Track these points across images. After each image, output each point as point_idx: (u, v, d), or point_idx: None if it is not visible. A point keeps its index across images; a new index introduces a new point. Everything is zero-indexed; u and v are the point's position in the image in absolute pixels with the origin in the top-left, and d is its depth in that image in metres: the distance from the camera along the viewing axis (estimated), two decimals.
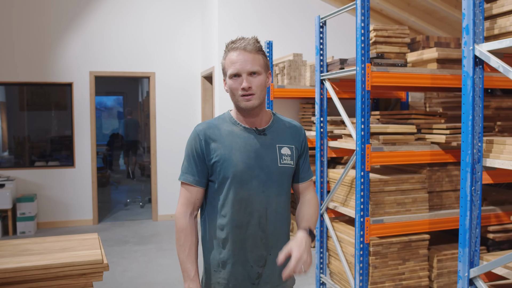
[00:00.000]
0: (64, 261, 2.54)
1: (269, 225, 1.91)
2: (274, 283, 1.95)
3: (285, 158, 1.94)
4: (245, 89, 1.83)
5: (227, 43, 1.92)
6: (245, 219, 1.88)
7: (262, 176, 1.89)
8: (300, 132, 2.05)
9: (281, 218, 1.95)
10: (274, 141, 1.94)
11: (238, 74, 1.85)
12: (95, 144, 7.40)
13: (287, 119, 2.06)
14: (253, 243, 1.90)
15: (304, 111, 6.25)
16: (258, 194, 1.88)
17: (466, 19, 2.59)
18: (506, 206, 4.04)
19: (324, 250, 4.40)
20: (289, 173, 1.97)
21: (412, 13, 6.53)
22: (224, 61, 1.90)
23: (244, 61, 1.84)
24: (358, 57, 3.55)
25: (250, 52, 1.86)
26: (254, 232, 1.89)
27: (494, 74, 3.62)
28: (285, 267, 1.73)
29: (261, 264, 1.91)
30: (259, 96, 1.86)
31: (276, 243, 1.93)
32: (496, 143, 2.72)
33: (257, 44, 1.90)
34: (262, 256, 1.91)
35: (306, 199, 2.06)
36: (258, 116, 1.93)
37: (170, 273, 5.07)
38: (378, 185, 3.80)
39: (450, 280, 4.04)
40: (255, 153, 1.89)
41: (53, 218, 7.22)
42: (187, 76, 7.72)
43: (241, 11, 6.51)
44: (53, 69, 7.14)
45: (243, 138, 1.90)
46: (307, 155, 2.07)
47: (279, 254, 1.76)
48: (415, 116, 4.07)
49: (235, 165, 1.86)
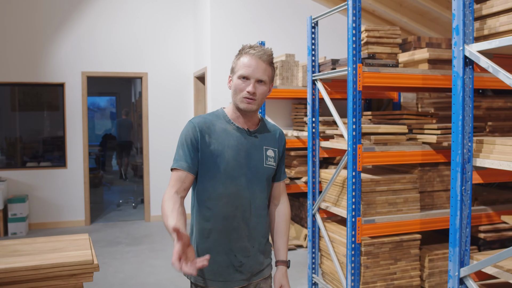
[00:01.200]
0: (54, 262, 2.53)
1: (252, 219, 2.09)
2: (254, 271, 2.14)
3: (270, 160, 2.13)
4: (250, 92, 1.98)
5: (244, 46, 2.04)
6: (231, 212, 2.04)
7: (249, 174, 2.06)
8: (282, 137, 2.24)
9: (262, 213, 2.14)
10: (262, 143, 2.12)
11: (247, 78, 1.98)
12: (87, 144, 7.37)
13: (270, 123, 2.24)
14: (238, 234, 2.06)
15: (296, 111, 6.26)
16: (245, 190, 2.05)
17: (456, 20, 2.60)
18: (497, 206, 4.07)
19: (316, 250, 4.40)
20: (271, 173, 2.16)
21: (404, 14, 6.55)
22: (237, 61, 2.03)
23: (257, 68, 1.98)
24: (349, 57, 3.56)
25: (264, 62, 2.00)
26: (239, 225, 2.06)
27: (485, 74, 3.64)
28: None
29: (245, 255, 2.09)
30: (259, 103, 2.03)
31: (258, 235, 2.13)
32: (486, 143, 2.74)
33: (272, 57, 2.04)
34: (246, 248, 2.08)
35: (281, 211, 2.28)
36: (251, 119, 2.10)
37: (162, 274, 5.06)
38: (370, 185, 3.81)
39: (442, 280, 4.05)
40: (245, 152, 2.06)
41: (45, 219, 7.18)
42: (179, 76, 7.71)
43: (233, 11, 6.51)
44: (44, 69, 7.11)
45: (236, 137, 2.05)
46: (284, 157, 2.27)
47: None
48: (407, 117, 4.08)
49: (227, 161, 2.01)
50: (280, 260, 2.20)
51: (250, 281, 2.13)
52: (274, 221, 2.28)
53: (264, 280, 2.20)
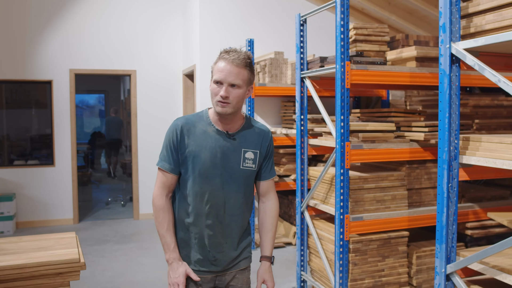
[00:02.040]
0: (40, 260, 2.50)
1: (226, 217, 2.19)
2: (226, 266, 2.26)
3: (248, 162, 2.20)
4: (222, 97, 2.05)
5: (222, 51, 2.12)
6: (205, 210, 2.16)
7: (225, 174, 2.16)
8: (267, 137, 2.29)
9: (238, 213, 2.22)
10: (241, 145, 2.19)
11: (221, 82, 2.06)
12: (76, 142, 7.32)
13: (257, 124, 2.30)
14: (212, 231, 2.17)
15: (285, 109, 6.26)
16: (219, 189, 2.16)
17: (443, 18, 2.61)
18: (484, 202, 4.10)
19: (304, 248, 4.41)
20: (249, 175, 2.23)
21: (393, 12, 6.58)
22: (214, 66, 2.12)
23: (229, 73, 2.04)
24: (337, 55, 3.56)
25: (236, 66, 2.05)
26: (213, 222, 2.17)
27: (472, 72, 3.67)
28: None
29: (219, 251, 2.20)
30: (234, 106, 2.09)
31: (231, 233, 2.22)
32: (473, 140, 2.75)
33: (247, 60, 2.09)
34: (219, 244, 2.20)
35: (268, 208, 2.35)
36: (231, 122, 2.17)
37: (151, 272, 5.05)
38: (358, 182, 3.82)
39: (429, 276, 4.08)
40: (222, 154, 2.14)
41: (33, 218, 7.12)
42: (168, 74, 7.68)
43: (222, 9, 6.49)
44: (32, 66, 7.04)
45: (214, 139, 2.15)
46: (271, 156, 2.33)
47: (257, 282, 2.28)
48: (395, 114, 4.09)
49: (203, 162, 2.12)
50: (264, 255, 2.32)
51: (225, 271, 2.26)
52: (260, 217, 2.37)
53: (240, 271, 2.31)
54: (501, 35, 2.35)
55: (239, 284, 2.30)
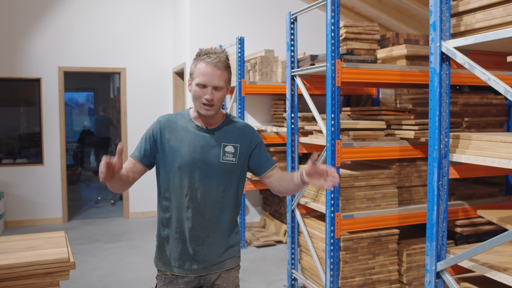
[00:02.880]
0: (29, 260, 2.48)
1: (208, 211, 2.19)
2: (212, 261, 2.23)
3: (228, 155, 2.20)
4: (207, 100, 2.07)
5: (201, 52, 2.11)
6: (186, 203, 2.17)
7: (205, 168, 2.16)
8: (248, 132, 2.29)
9: (220, 207, 2.21)
10: (220, 139, 2.20)
11: (204, 86, 2.07)
12: (65, 141, 7.27)
13: (240, 121, 2.32)
14: (192, 225, 2.18)
15: (276, 107, 6.26)
16: (199, 183, 2.16)
17: (433, 16, 2.62)
18: (474, 200, 4.12)
19: (295, 246, 4.41)
20: (230, 168, 2.21)
21: (383, 10, 6.59)
22: (194, 67, 2.11)
23: (213, 76, 2.06)
24: (328, 53, 3.56)
25: (219, 69, 2.07)
26: (194, 216, 2.17)
27: (462, 70, 3.68)
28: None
29: (199, 244, 2.19)
30: (217, 107, 2.13)
31: (214, 227, 2.21)
32: (462, 138, 2.76)
33: (227, 61, 2.12)
34: (200, 237, 2.19)
35: (278, 175, 2.28)
36: (211, 118, 2.19)
37: (141, 271, 5.02)
38: (348, 180, 3.83)
39: (419, 274, 4.10)
40: (201, 148, 2.17)
41: (21, 217, 7.06)
42: (158, 72, 7.64)
43: (212, 7, 6.47)
44: (20, 64, 6.98)
45: (194, 135, 2.18)
46: (261, 149, 2.31)
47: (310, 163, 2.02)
48: (385, 112, 4.10)
49: (182, 156, 2.15)
50: (298, 173, 2.11)
51: (209, 271, 2.23)
52: (276, 183, 2.26)
53: (226, 271, 2.29)
54: (490, 33, 2.36)
55: (224, 284, 2.27)
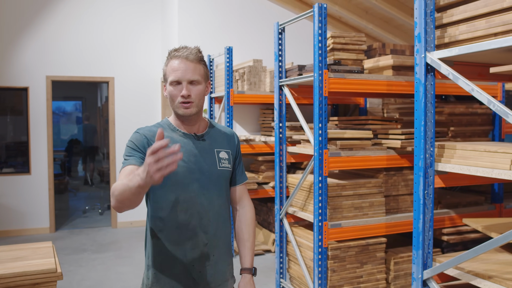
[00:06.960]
0: (16, 271, 2.47)
1: (211, 226, 1.98)
2: (217, 282, 2.02)
3: (224, 162, 2.04)
4: (184, 96, 1.90)
5: (170, 51, 1.98)
6: (186, 220, 1.94)
7: (203, 179, 1.96)
8: (234, 138, 2.16)
9: (222, 220, 2.03)
10: (212, 145, 2.03)
11: (178, 82, 1.92)
12: (52, 150, 7.22)
13: (221, 126, 2.16)
14: (195, 243, 1.95)
15: (264, 116, 6.28)
16: (199, 196, 1.95)
17: (418, 28, 2.67)
18: (460, 209, 4.17)
19: (284, 255, 4.42)
20: (227, 176, 2.07)
21: (370, 20, 6.67)
22: (166, 68, 1.97)
23: (186, 70, 1.91)
24: (315, 63, 3.60)
25: (191, 62, 1.92)
26: (195, 233, 1.95)
27: (447, 81, 3.74)
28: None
29: (204, 264, 1.97)
30: (197, 105, 1.95)
31: (218, 243, 2.01)
32: (447, 147, 2.80)
33: (199, 54, 1.96)
34: (204, 256, 1.97)
35: (243, 216, 2.16)
36: (196, 123, 2.01)
37: (129, 281, 5.00)
38: (336, 189, 3.85)
39: (407, 282, 4.12)
40: (194, 157, 1.96)
41: (8, 227, 6.99)
42: (147, 81, 7.64)
43: (201, 16, 6.50)
44: (7, 73, 6.94)
45: (183, 144, 1.95)
46: (241, 159, 2.18)
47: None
48: (372, 122, 4.14)
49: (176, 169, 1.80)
50: (244, 268, 2.10)
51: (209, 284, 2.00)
52: (236, 226, 2.18)
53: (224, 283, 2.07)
54: (474, 45, 2.41)
55: None
